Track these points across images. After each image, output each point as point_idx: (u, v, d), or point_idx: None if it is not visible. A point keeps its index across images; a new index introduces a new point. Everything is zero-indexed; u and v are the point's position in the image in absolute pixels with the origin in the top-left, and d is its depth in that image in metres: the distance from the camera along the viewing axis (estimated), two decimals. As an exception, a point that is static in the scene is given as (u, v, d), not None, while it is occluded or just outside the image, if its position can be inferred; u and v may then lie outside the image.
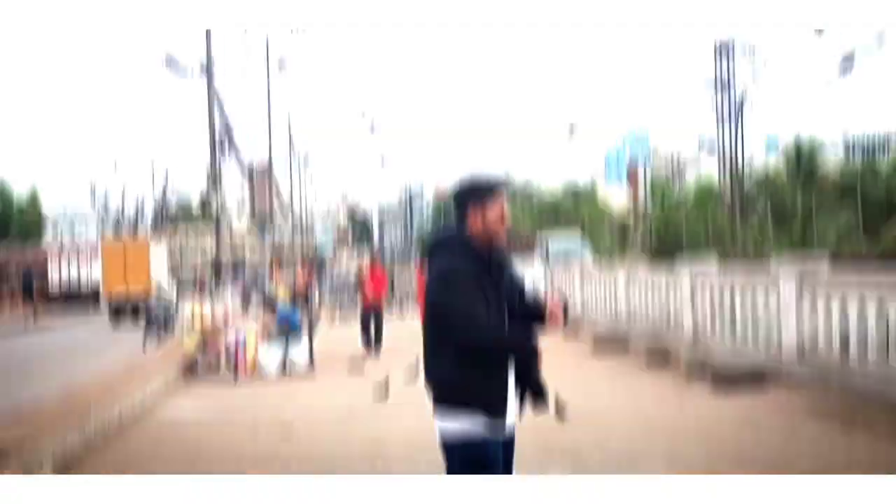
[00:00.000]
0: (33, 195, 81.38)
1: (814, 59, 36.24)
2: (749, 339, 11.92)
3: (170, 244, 45.76)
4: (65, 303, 39.81)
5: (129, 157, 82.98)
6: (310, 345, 14.85)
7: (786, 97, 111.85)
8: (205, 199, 29.37)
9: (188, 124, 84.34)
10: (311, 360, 14.60)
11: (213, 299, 20.19)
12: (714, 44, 41.26)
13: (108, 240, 42.12)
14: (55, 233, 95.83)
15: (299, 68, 77.12)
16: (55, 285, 40.79)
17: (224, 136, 34.07)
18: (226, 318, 16.31)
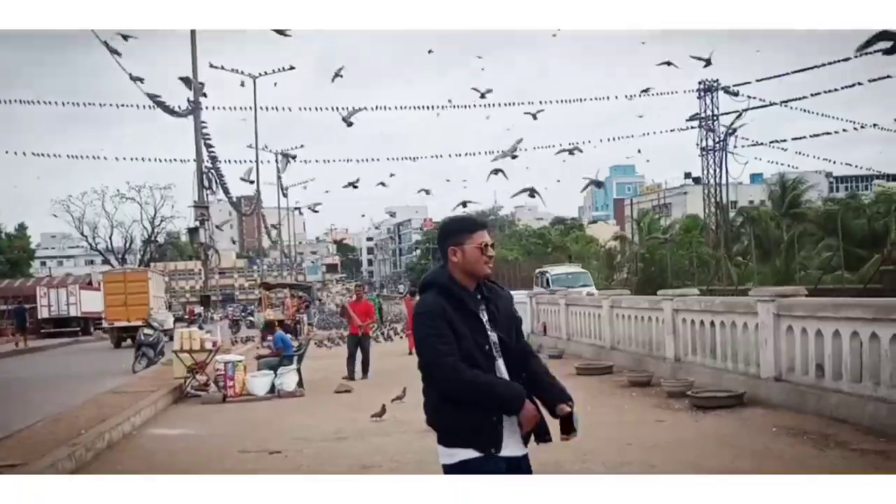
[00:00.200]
0: (21, 227, 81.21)
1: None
2: (728, 364, 12.20)
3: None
4: (53, 331, 40.30)
5: (117, 188, 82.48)
6: (298, 370, 15.04)
7: (770, 133, 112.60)
8: (193, 231, 29.45)
9: (176, 157, 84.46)
10: (300, 383, 14.77)
11: (202, 328, 20.38)
12: (698, 85, 41.77)
13: (109, 271, 42.63)
14: (44, 265, 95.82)
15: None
16: (45, 315, 41.47)
17: (212, 169, 34.31)
18: (215, 345, 16.47)
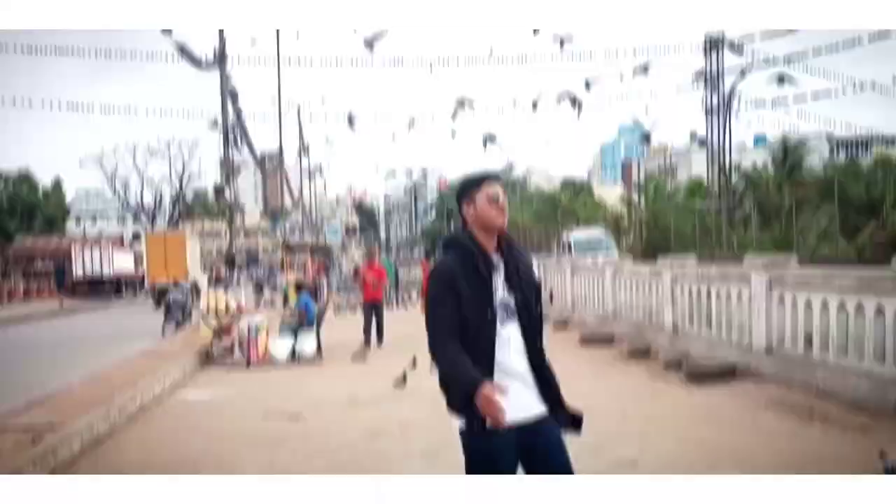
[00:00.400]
0: (57, 185, 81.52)
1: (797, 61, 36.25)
2: (723, 334, 12.31)
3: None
4: (88, 290, 40.74)
5: (146, 147, 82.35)
6: (317, 335, 15.27)
7: (774, 95, 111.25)
8: (219, 190, 29.64)
9: (203, 115, 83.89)
10: (318, 349, 15.02)
11: (227, 290, 20.66)
12: (704, 39, 40.94)
13: (151, 233, 43.62)
14: (78, 223, 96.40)
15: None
16: (79, 275, 41.84)
17: (237, 127, 34.34)
18: (239, 308, 16.71)
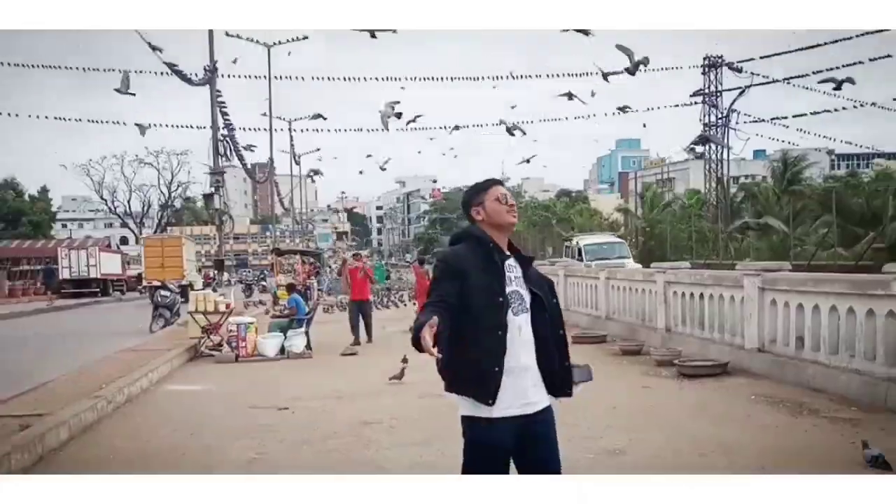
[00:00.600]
0: (43, 191, 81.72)
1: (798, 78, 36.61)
2: (715, 334, 12.50)
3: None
4: (73, 292, 40.89)
5: (135, 153, 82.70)
6: (307, 333, 15.40)
7: (772, 110, 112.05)
8: (208, 196, 29.89)
9: (193, 125, 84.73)
10: (308, 346, 15.15)
11: (216, 291, 20.79)
12: (703, 59, 41.60)
13: (149, 237, 45.24)
14: (65, 227, 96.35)
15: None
16: (66, 276, 42.09)
17: (227, 136, 34.56)
18: (228, 307, 16.83)
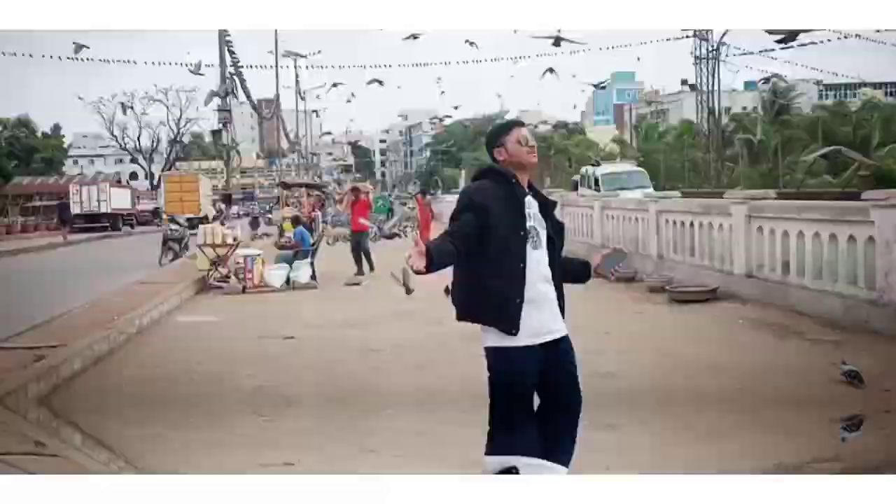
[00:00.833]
0: (56, 128, 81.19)
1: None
2: (706, 261, 12.50)
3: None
4: (85, 226, 40.90)
5: (144, 89, 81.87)
6: (312, 265, 15.43)
7: (760, 42, 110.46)
8: (216, 132, 29.83)
9: (201, 60, 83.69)
10: (313, 276, 15.19)
11: (224, 224, 20.78)
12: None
13: (169, 174, 46.94)
14: (76, 163, 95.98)
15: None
16: (77, 211, 42.05)
17: (234, 72, 34.21)
18: (236, 240, 16.80)
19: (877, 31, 31.12)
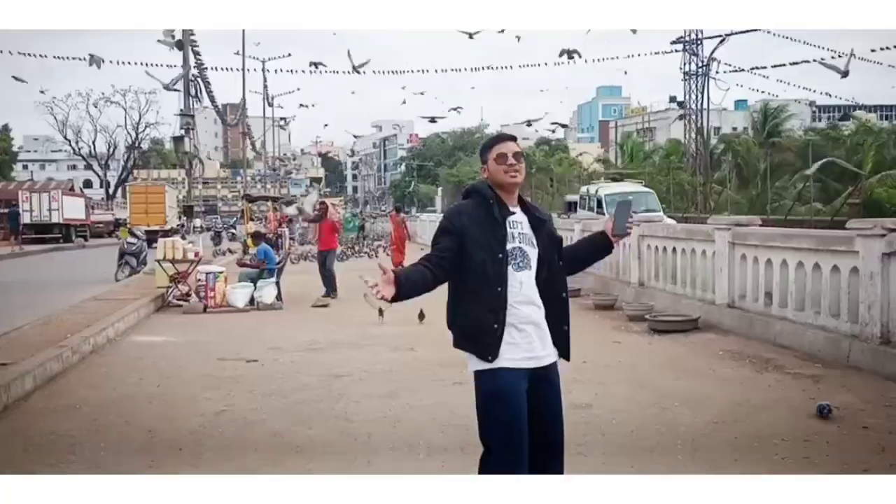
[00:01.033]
0: (4, 129, 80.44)
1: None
2: (687, 289, 12.79)
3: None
4: (34, 237, 40.58)
5: (102, 93, 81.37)
6: (277, 284, 15.54)
7: (753, 59, 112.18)
8: (178, 139, 29.78)
9: (163, 62, 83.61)
10: (279, 296, 15.30)
11: (185, 238, 20.83)
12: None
13: (134, 184, 48.41)
14: (26, 168, 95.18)
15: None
16: (25, 221, 41.61)
17: (198, 79, 34.19)
18: (197, 255, 16.87)
19: (872, 50, 31.87)
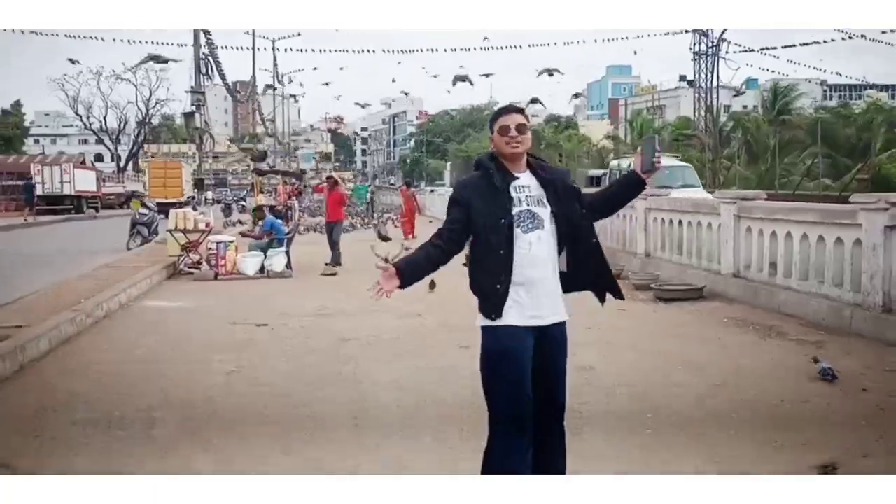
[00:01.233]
0: (16, 105, 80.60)
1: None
2: (693, 260, 12.87)
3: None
4: (46, 208, 40.78)
5: (113, 71, 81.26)
6: (287, 253, 15.67)
7: (763, 40, 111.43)
8: (188, 115, 29.93)
9: (174, 41, 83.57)
10: (288, 264, 15.44)
11: (196, 209, 20.96)
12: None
13: (153, 159, 49.70)
14: (37, 142, 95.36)
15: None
16: (38, 193, 41.80)
17: (208, 54, 34.26)
18: (208, 225, 17.00)
19: (882, 31, 31.67)
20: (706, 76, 42.87)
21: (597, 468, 4.84)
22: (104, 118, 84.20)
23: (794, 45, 40.53)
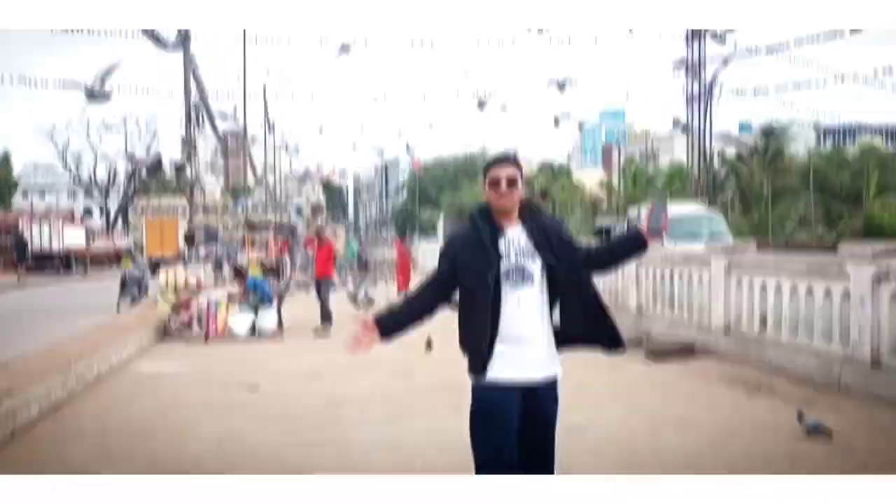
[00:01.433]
0: (4, 157, 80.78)
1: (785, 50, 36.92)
2: (684, 315, 13.04)
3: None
4: (37, 265, 40.84)
5: (102, 121, 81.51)
6: (278, 312, 15.76)
7: (758, 83, 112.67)
8: (179, 167, 30.14)
9: (164, 92, 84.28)
10: (279, 325, 15.53)
11: (186, 266, 21.09)
12: (686, 29, 41.70)
13: (150, 218, 50.04)
14: (25, 196, 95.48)
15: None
16: (30, 249, 41.96)
17: (199, 105, 34.57)
18: (198, 283, 17.12)
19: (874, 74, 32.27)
20: (700, 121, 43.21)
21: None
22: (93, 170, 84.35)
23: (787, 87, 40.85)
